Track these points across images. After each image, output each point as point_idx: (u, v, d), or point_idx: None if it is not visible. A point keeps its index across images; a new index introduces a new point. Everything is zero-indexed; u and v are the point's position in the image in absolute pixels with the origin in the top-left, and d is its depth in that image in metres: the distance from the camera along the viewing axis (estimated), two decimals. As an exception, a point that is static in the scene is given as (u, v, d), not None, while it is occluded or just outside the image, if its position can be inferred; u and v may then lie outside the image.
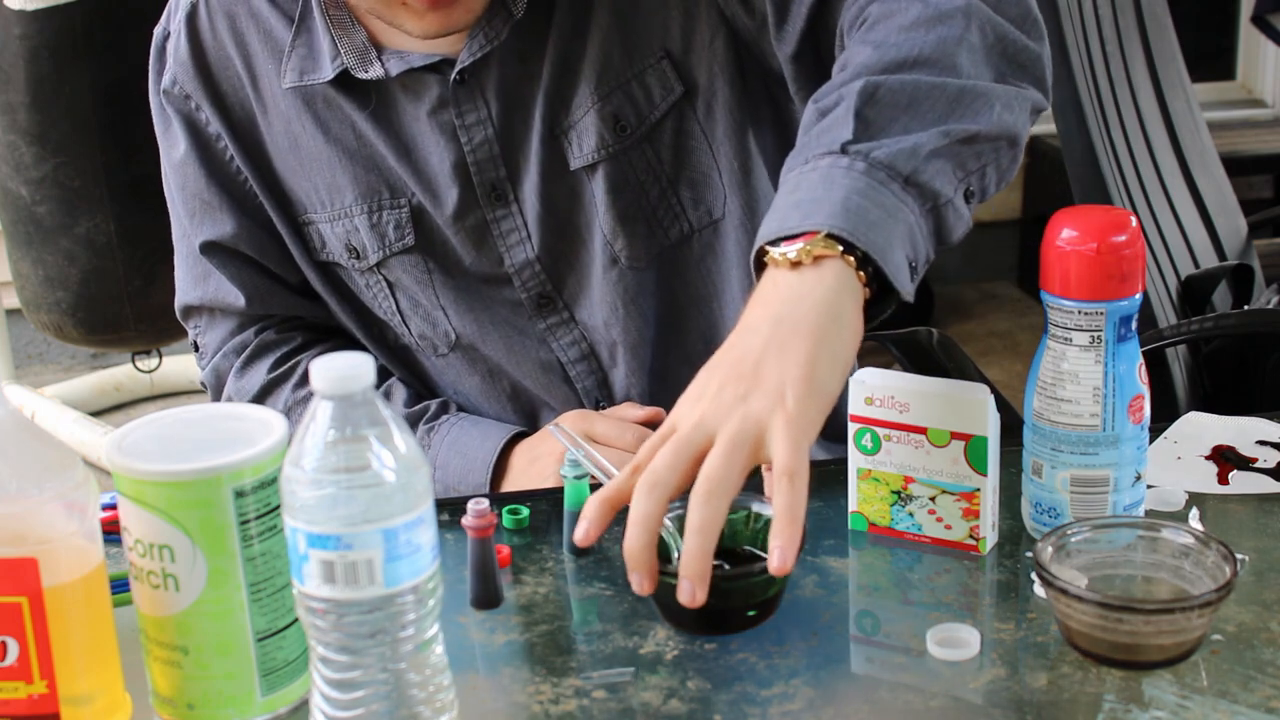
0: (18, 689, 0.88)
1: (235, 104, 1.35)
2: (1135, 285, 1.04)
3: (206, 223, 1.38)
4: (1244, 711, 0.90)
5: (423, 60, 1.27)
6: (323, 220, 1.36)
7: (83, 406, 3.49)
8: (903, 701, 0.93)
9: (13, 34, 2.65)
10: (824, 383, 0.95)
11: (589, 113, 1.29)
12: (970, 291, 4.25)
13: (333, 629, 0.82)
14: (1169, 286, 2.14)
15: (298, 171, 1.35)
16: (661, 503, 0.94)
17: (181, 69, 1.35)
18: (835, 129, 1.05)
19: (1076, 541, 1.00)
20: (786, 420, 0.93)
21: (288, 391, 1.39)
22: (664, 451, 0.95)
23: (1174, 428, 1.27)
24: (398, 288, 1.37)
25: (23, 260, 2.88)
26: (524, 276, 1.35)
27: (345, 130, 1.32)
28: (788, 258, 0.99)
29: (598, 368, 1.38)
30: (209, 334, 1.43)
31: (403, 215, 1.33)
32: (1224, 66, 4.60)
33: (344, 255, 1.37)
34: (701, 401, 0.96)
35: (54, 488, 0.87)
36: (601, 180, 1.30)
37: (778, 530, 0.92)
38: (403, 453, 0.82)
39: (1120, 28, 2.26)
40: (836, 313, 0.97)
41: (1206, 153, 2.44)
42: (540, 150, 1.30)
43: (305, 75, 1.30)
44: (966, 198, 1.07)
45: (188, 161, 1.37)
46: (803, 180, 1.04)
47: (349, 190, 1.33)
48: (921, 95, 1.06)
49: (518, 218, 1.33)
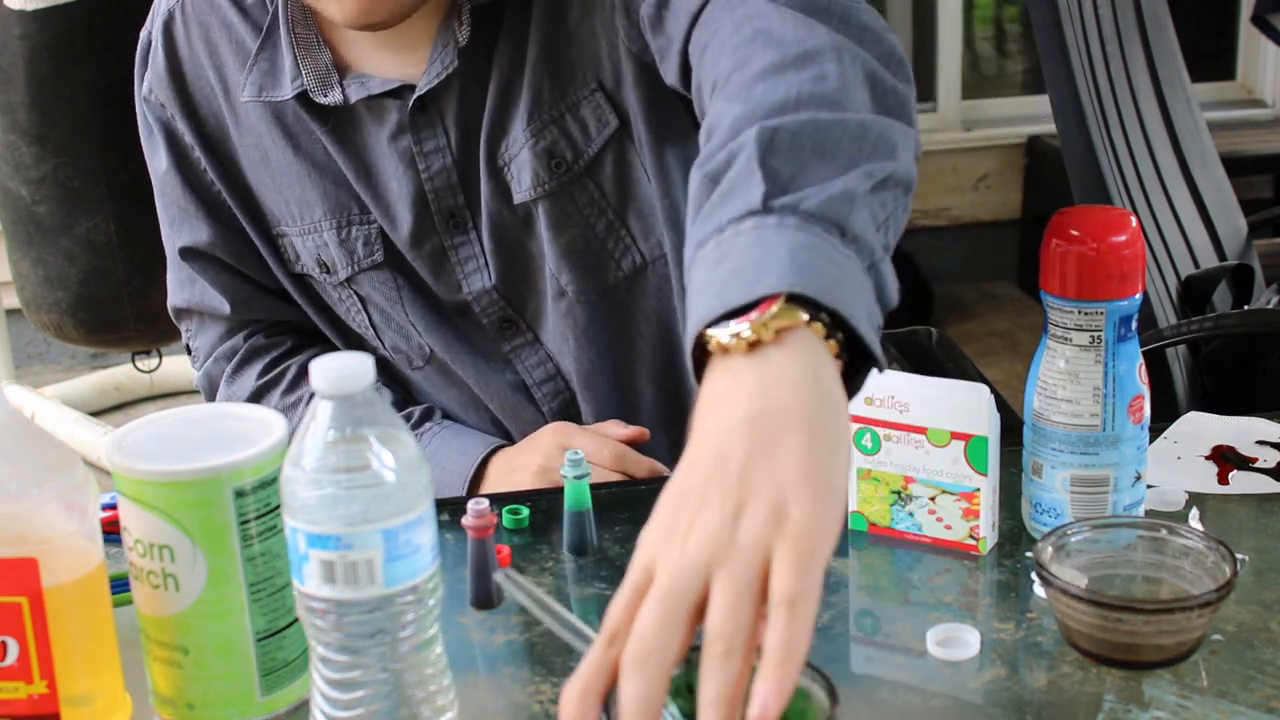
0: (18, 689, 0.88)
1: (208, 115, 1.34)
2: (1135, 285, 1.04)
3: (185, 230, 1.37)
4: (1244, 711, 0.90)
5: (382, 86, 1.25)
6: (294, 234, 1.35)
7: (83, 406, 3.49)
8: (903, 701, 0.93)
9: (13, 34, 2.65)
10: (829, 479, 0.76)
11: (524, 149, 1.26)
12: (970, 291, 4.25)
13: (333, 629, 0.82)
14: (1169, 286, 2.14)
15: (269, 185, 1.34)
16: (660, 680, 0.72)
17: (157, 78, 1.35)
18: (741, 189, 0.88)
19: (1076, 541, 1.00)
20: (794, 536, 0.73)
21: (276, 398, 1.39)
22: (649, 611, 0.73)
23: (1174, 428, 1.27)
24: (369, 303, 1.37)
25: (23, 260, 2.88)
26: (483, 303, 1.34)
27: (314, 145, 1.31)
28: (743, 338, 0.79)
29: (565, 388, 1.37)
30: (200, 337, 1.43)
31: (372, 231, 1.32)
32: (1224, 66, 4.60)
33: (315, 269, 1.36)
34: (677, 535, 0.75)
35: (54, 488, 0.87)
36: (543, 215, 1.28)
37: (766, 672, 0.70)
38: (403, 453, 0.82)
39: (1120, 28, 2.26)
40: (822, 391, 0.79)
41: (1206, 153, 2.44)
42: (489, 181, 1.28)
43: (264, 92, 1.29)
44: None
45: (167, 169, 1.36)
46: (729, 249, 0.85)
47: (318, 205, 1.32)
48: (824, 134, 0.91)
49: (475, 245, 1.31)
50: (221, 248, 1.37)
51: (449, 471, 1.33)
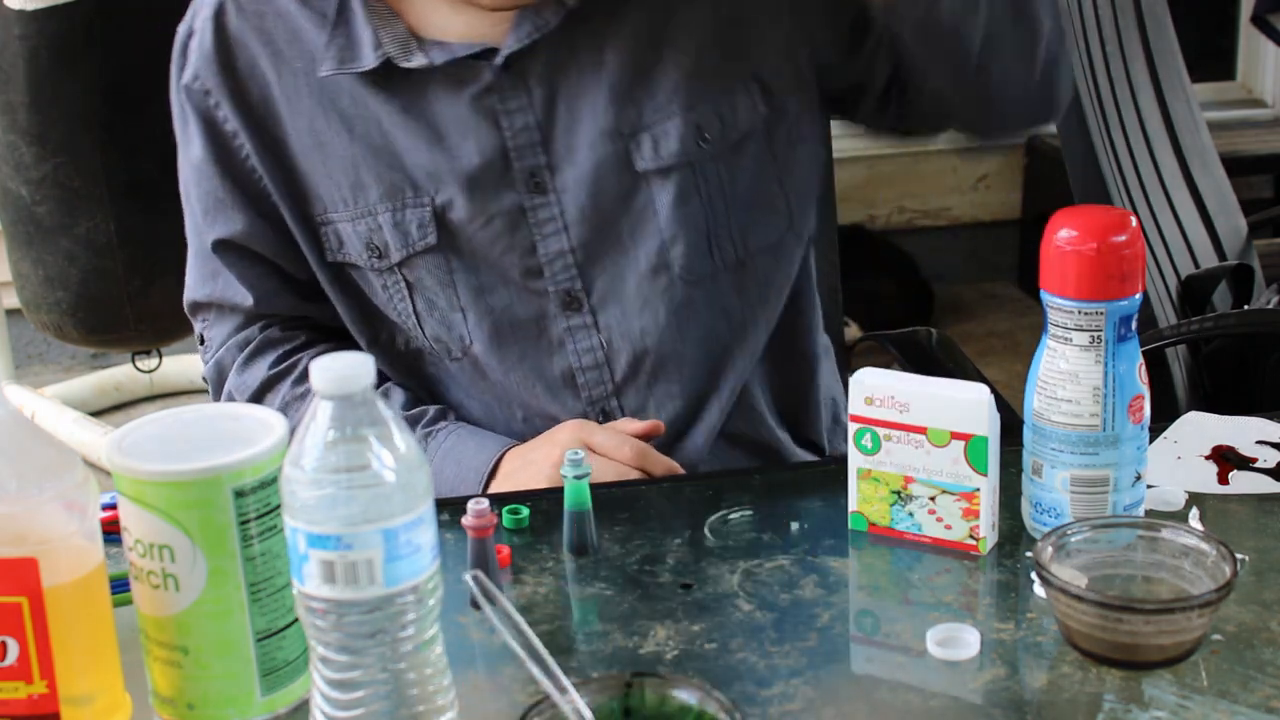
0: (18, 689, 0.88)
1: (257, 101, 1.36)
2: (1135, 285, 1.04)
3: (220, 220, 1.38)
4: (1244, 711, 0.90)
5: (465, 50, 1.30)
6: (343, 219, 1.36)
7: (83, 406, 3.49)
8: (903, 701, 0.93)
9: (13, 34, 2.65)
10: None
11: (673, 119, 1.32)
12: (970, 291, 4.24)
13: (333, 629, 0.82)
14: (1169, 286, 2.14)
15: (320, 170, 1.35)
16: None
17: (204, 64, 1.36)
18: None
19: (1076, 541, 1.00)
20: None
21: (286, 388, 1.39)
22: None
23: (1174, 428, 1.27)
24: (416, 288, 1.37)
25: (23, 260, 2.88)
26: (555, 268, 1.35)
27: (371, 128, 1.33)
28: None
29: (609, 378, 1.37)
30: (215, 329, 1.43)
31: (425, 214, 1.34)
32: (1224, 66, 4.59)
33: (363, 255, 1.37)
34: None
35: (54, 488, 0.87)
36: (671, 187, 1.32)
37: None
38: (403, 452, 0.82)
39: (1120, 28, 2.26)
40: None
41: (1206, 153, 2.44)
42: (596, 146, 1.32)
43: (345, 64, 1.32)
44: None
45: (204, 159, 1.37)
46: None
47: (373, 188, 1.34)
48: None
49: (555, 207, 1.33)
50: (257, 238, 1.38)
51: (465, 466, 1.33)
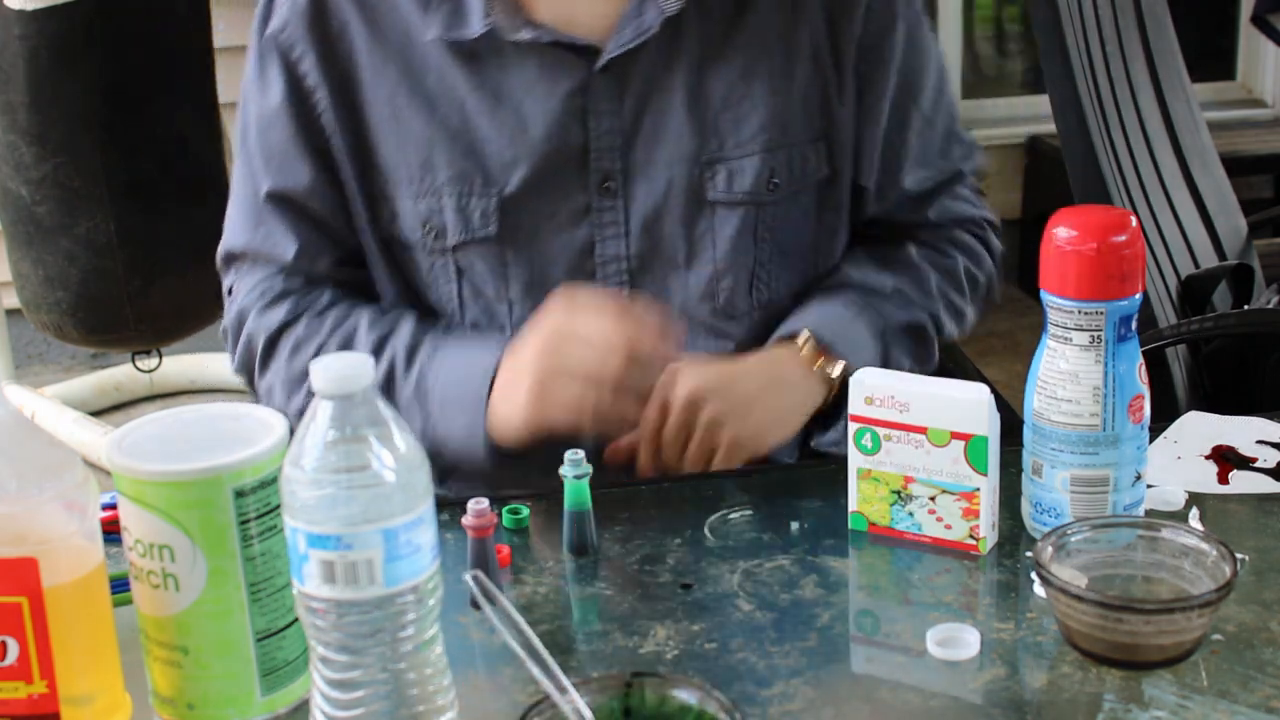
0: (18, 689, 0.88)
1: (343, 63, 1.36)
2: (1135, 285, 1.04)
3: (282, 171, 1.38)
4: (1244, 711, 0.90)
5: (568, 38, 1.30)
6: (406, 195, 1.36)
7: (83, 406, 3.49)
8: (903, 701, 0.93)
9: (13, 34, 2.65)
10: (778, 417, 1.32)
11: (751, 157, 1.35)
12: (970, 291, 4.24)
13: (333, 629, 0.82)
14: (1169, 286, 2.14)
15: (392, 142, 1.36)
16: None
17: (295, 17, 1.36)
18: None
19: (1076, 541, 1.00)
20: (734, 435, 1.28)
21: (301, 328, 1.37)
22: None
23: (1174, 428, 1.27)
24: (466, 275, 1.37)
25: (23, 260, 2.88)
26: (609, 270, 1.36)
27: (452, 110, 1.34)
28: None
29: None
30: (245, 279, 1.41)
31: (490, 204, 1.34)
32: (1224, 66, 4.60)
33: (418, 232, 1.37)
34: None
35: (54, 488, 0.87)
36: (734, 220, 1.35)
37: None
38: (403, 452, 0.82)
39: (1120, 28, 2.26)
40: None
41: (1206, 153, 2.44)
42: (673, 165, 1.34)
43: (450, 30, 1.32)
44: None
45: (279, 108, 1.37)
46: None
47: (443, 170, 1.35)
48: None
49: (620, 212, 1.35)
50: (315, 195, 1.37)
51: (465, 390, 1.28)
